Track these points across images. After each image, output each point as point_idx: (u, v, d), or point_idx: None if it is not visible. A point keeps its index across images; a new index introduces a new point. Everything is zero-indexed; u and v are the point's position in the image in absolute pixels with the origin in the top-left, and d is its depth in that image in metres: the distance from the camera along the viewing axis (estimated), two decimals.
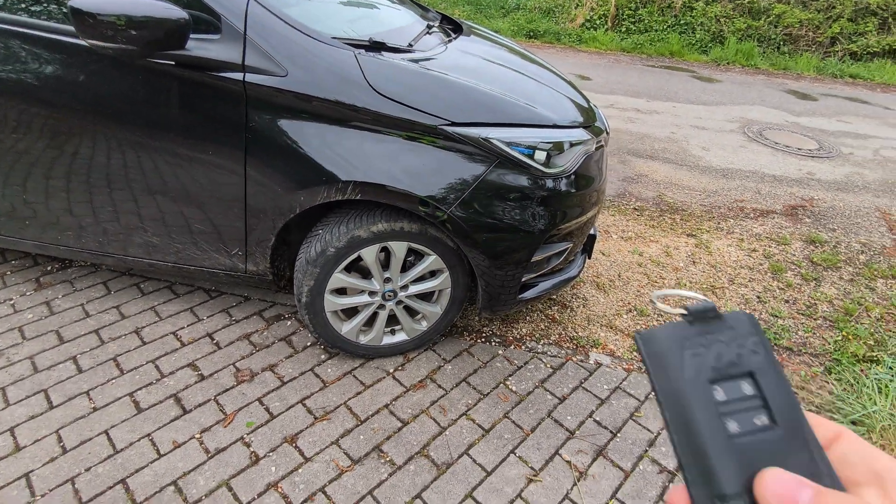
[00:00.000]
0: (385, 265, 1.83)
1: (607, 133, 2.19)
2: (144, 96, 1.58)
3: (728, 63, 8.06)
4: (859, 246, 3.23)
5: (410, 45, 1.88)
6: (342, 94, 1.55)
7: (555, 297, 2.47)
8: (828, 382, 2.09)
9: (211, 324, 2.11)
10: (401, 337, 1.99)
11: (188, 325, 2.09)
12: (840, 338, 2.34)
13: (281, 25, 1.55)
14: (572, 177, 1.81)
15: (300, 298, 1.78)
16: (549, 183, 1.73)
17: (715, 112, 5.63)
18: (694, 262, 2.88)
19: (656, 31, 8.26)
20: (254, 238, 1.77)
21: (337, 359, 1.99)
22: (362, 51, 1.63)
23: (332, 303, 1.81)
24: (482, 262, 1.73)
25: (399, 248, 1.75)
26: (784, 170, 4.30)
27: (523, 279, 1.85)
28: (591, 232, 2.27)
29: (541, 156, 1.69)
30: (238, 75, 1.53)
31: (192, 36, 1.52)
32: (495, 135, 1.62)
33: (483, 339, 2.16)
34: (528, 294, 1.92)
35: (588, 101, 2.25)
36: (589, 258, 2.43)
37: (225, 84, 1.54)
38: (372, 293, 1.85)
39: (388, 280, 1.83)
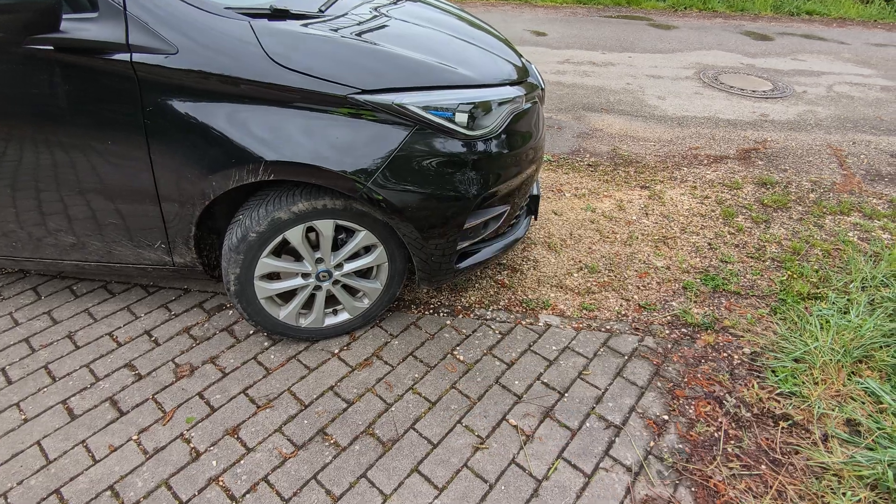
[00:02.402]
0: (316, 245, 1.76)
1: (542, 89, 2.12)
2: (29, 87, 1.46)
3: (685, 8, 7.93)
4: (809, 185, 3.26)
5: (321, 10, 1.76)
6: (240, 68, 1.44)
7: (504, 261, 2.44)
8: (773, 323, 2.11)
9: (149, 321, 2.04)
10: (344, 316, 1.95)
11: (125, 325, 2.01)
12: (786, 277, 2.37)
13: None
14: (502, 136, 1.75)
15: (229, 287, 1.72)
16: (476, 145, 1.67)
17: (671, 60, 5.56)
18: (647, 213, 2.87)
19: None
20: (173, 229, 1.68)
21: (281, 345, 1.94)
22: (262, 20, 1.52)
23: (263, 289, 1.75)
24: (411, 233, 1.68)
25: (325, 227, 1.68)
26: (738, 113, 4.28)
27: (460, 247, 1.80)
28: (535, 192, 2.23)
29: (462, 118, 1.62)
30: (124, 56, 1.42)
31: (67, 16, 1.40)
32: (409, 100, 1.54)
33: (431, 311, 2.13)
34: (468, 262, 1.88)
35: (521, 57, 2.16)
36: (535, 219, 2.39)
37: (112, 67, 1.43)
38: (305, 275, 1.79)
39: (320, 260, 1.77)
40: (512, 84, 1.84)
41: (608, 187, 3.13)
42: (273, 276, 1.82)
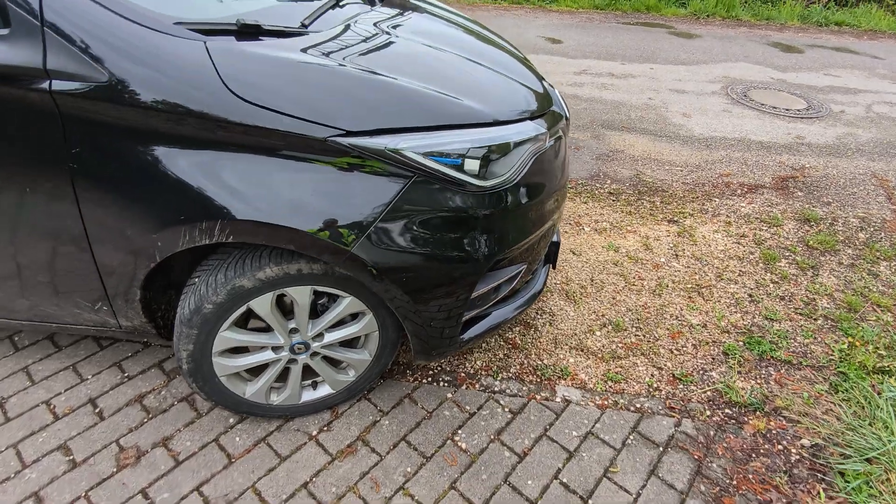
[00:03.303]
0: (290, 310, 1.45)
1: (567, 119, 1.79)
2: None
3: (708, 16, 7.56)
4: (857, 221, 2.91)
5: (304, 25, 1.45)
6: (190, 102, 1.13)
7: None
8: (835, 405, 1.78)
9: (96, 385, 1.73)
10: (325, 391, 1.63)
11: (66, 390, 1.70)
12: (845, 344, 2.03)
13: (94, 9, 1.11)
14: (521, 185, 1.42)
15: (181, 365, 1.40)
16: (489, 198, 1.35)
17: (696, 72, 5.21)
18: (677, 255, 2.54)
19: None
20: (114, 291, 1.37)
21: (249, 422, 1.63)
22: (219, 39, 1.20)
23: (224, 366, 1.44)
24: (406, 304, 1.36)
25: (301, 295, 1.36)
26: (772, 134, 3.94)
27: (465, 317, 1.48)
28: (554, 238, 1.90)
29: (472, 165, 1.30)
30: (42, 84, 1.10)
31: None
32: (407, 144, 1.22)
33: (429, 380, 1.81)
34: (474, 331, 1.56)
35: (542, 80, 1.84)
36: (553, 268, 2.07)
37: (28, 98, 1.11)
38: (276, 348, 1.47)
39: (295, 331, 1.45)
40: (533, 117, 1.52)
41: (632, 220, 2.80)
42: (238, 349, 1.51)
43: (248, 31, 1.29)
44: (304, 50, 1.29)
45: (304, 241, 1.21)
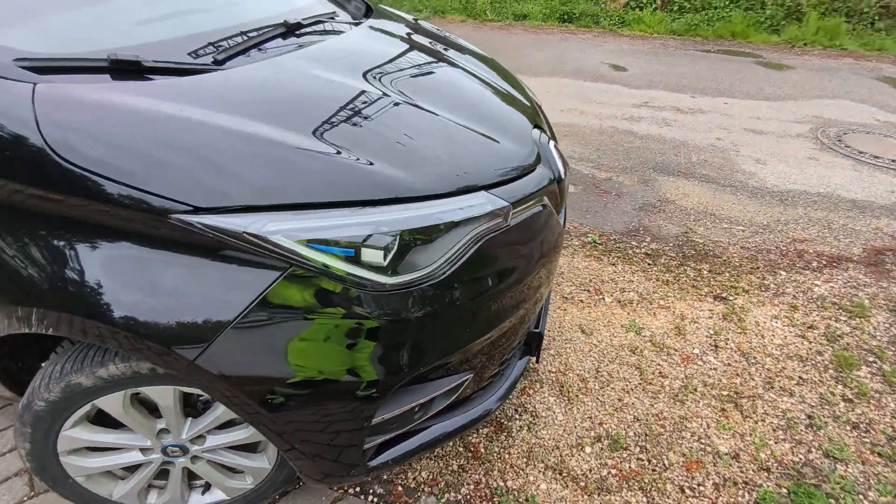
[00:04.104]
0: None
1: (558, 180, 1.41)
2: None
3: (805, 44, 6.68)
4: None
5: (218, 63, 1.19)
6: (2, 160, 0.89)
7: None
8: None
9: None
10: (217, 496, 1.34)
11: None
12: None
13: None
14: (457, 278, 1.07)
15: (24, 461, 1.17)
16: (398, 300, 1.00)
17: (780, 110, 4.51)
18: (716, 346, 2.03)
19: (716, 8, 7.01)
20: None
21: None
22: (60, 81, 0.96)
23: (79, 466, 1.19)
24: (274, 426, 1.04)
25: (162, 395, 1.09)
26: (869, 191, 3.23)
27: (368, 445, 1.13)
28: (535, 329, 1.51)
29: (374, 255, 0.96)
30: None
31: None
32: (278, 226, 0.91)
33: (357, 490, 1.47)
34: (391, 455, 1.20)
35: (541, 132, 1.48)
36: (536, 361, 1.67)
37: None
38: (145, 449, 1.21)
39: (167, 431, 1.18)
40: (495, 185, 1.17)
41: (667, 293, 2.31)
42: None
43: (125, 69, 1.05)
44: (178, 96, 1.03)
45: (133, 342, 0.93)
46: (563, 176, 1.44)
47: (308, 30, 1.52)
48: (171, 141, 0.93)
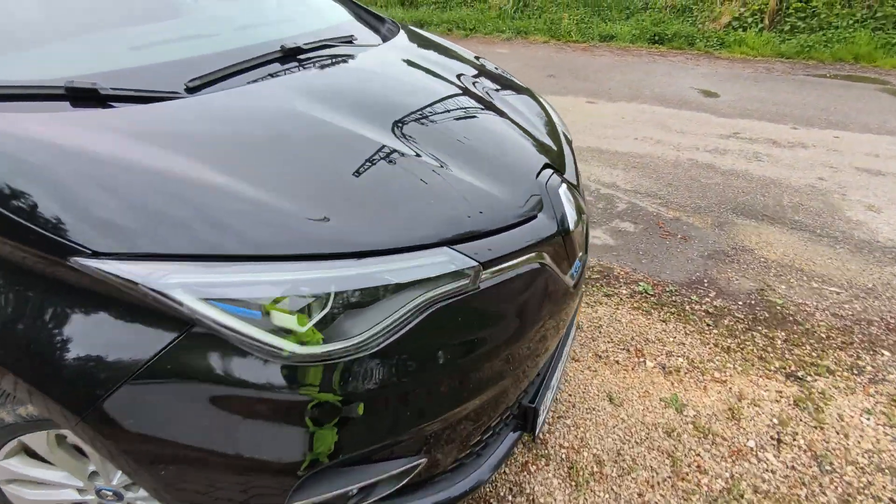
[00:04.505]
0: None
1: (563, 232, 1.19)
2: None
3: None
4: None
5: (189, 89, 1.13)
6: None
7: None
8: None
9: None
10: None
11: None
12: None
13: None
14: (400, 349, 0.90)
15: None
16: (314, 373, 0.85)
17: None
18: (779, 440, 1.64)
19: (836, 28, 6.19)
20: None
21: None
22: (11, 108, 0.93)
23: (18, 496, 1.15)
24: (166, 496, 0.92)
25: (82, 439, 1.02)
26: None
27: None
28: (531, 403, 1.28)
29: (286, 320, 0.82)
30: None
31: None
32: (179, 279, 0.80)
33: None
34: None
35: (552, 166, 1.28)
36: (533, 439, 1.44)
37: None
38: (81, 490, 1.15)
39: (96, 474, 1.11)
40: (469, 238, 0.99)
41: (726, 363, 1.94)
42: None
43: (83, 97, 1.01)
44: (115, 127, 0.96)
45: (26, 389, 0.86)
46: (571, 227, 1.22)
47: (313, 55, 1.43)
48: (80, 177, 0.86)
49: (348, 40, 1.62)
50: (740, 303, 2.27)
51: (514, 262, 1.04)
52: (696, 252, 2.63)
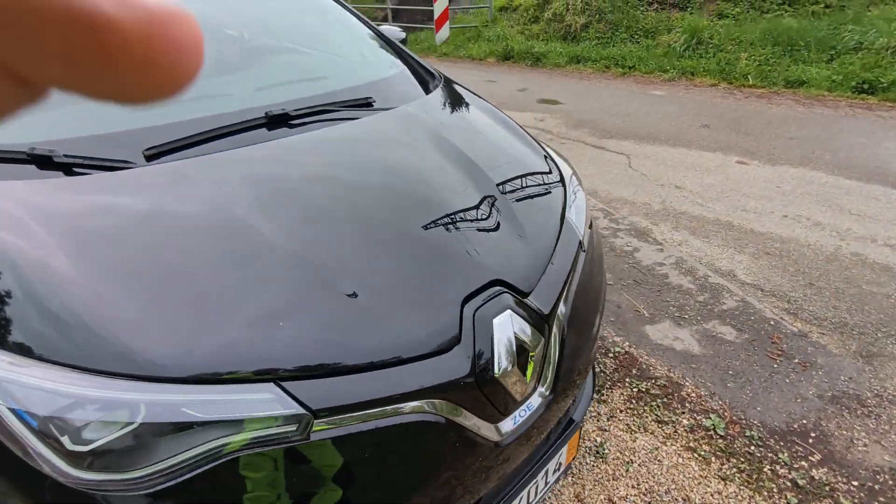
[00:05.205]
0: None
1: (482, 377, 0.95)
2: None
3: None
4: None
5: (149, 158, 1.15)
6: None
7: None
8: None
9: None
10: None
11: None
12: None
13: None
14: (181, 499, 0.76)
15: None
16: (75, 497, 0.76)
17: None
18: None
19: None
20: None
21: None
22: None
23: None
24: None
25: None
26: None
27: None
28: None
29: (60, 436, 0.75)
30: None
31: None
32: None
33: None
34: None
35: (510, 282, 1.04)
36: None
37: None
38: None
39: None
40: (310, 376, 0.82)
41: None
42: None
43: (40, 163, 1.09)
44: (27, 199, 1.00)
45: None
46: (495, 370, 0.94)
47: (296, 122, 1.38)
48: None
49: (368, 102, 1.52)
50: (856, 483, 1.61)
51: (374, 410, 0.83)
52: (816, 389, 1.96)
